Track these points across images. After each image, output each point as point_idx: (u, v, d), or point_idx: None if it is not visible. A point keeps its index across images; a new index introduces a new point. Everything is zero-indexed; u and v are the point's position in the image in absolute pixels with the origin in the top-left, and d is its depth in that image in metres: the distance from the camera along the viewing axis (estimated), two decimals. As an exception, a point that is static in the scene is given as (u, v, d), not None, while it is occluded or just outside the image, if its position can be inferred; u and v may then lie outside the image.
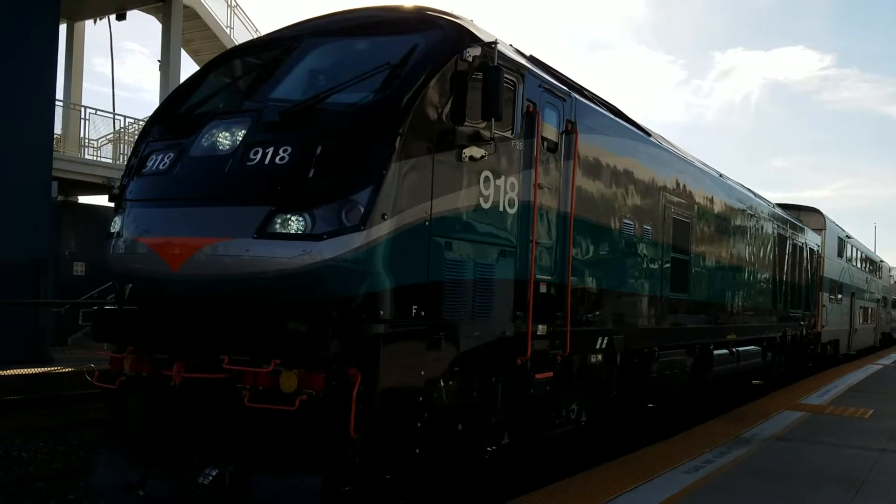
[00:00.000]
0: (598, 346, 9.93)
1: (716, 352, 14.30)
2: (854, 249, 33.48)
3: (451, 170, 6.97)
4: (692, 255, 12.91)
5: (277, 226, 6.19)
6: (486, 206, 7.46)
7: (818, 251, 24.55)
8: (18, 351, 17.65)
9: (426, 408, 6.80)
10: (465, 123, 7.09)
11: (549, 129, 8.54)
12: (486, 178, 7.45)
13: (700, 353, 13.69)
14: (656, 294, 11.57)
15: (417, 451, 6.66)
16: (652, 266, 11.35)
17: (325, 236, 6.08)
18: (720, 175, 15.25)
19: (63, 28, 26.29)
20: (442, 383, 7.00)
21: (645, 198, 11.10)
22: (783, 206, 23.92)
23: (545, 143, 8.43)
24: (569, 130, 8.90)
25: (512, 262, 7.87)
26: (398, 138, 6.45)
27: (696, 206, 13.09)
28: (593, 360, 9.95)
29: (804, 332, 22.24)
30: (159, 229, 6.77)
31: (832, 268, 27.49)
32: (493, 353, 7.72)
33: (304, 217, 6.13)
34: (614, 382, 10.61)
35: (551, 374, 8.60)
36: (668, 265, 11.92)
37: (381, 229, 6.25)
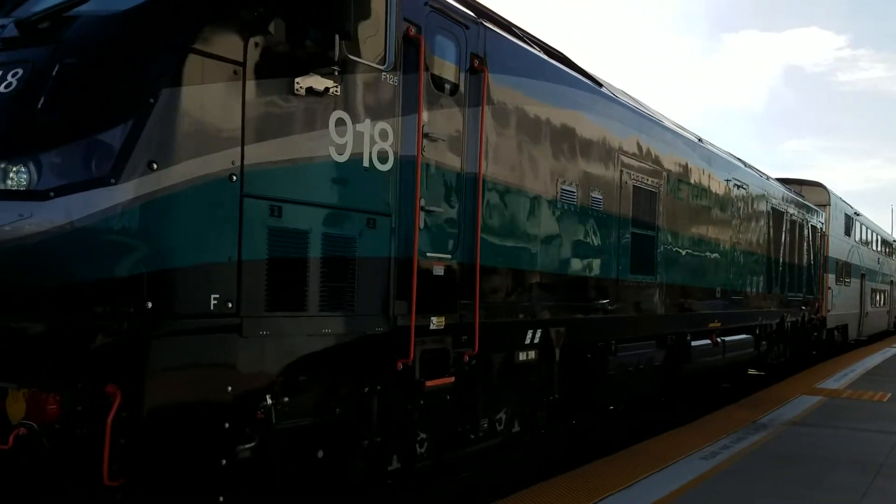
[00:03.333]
0: (528, 341, 8.05)
1: (694, 343, 12.38)
2: (864, 228, 31.25)
3: (276, 105, 5.09)
4: (660, 231, 10.98)
5: None
6: (340, 158, 5.58)
7: (822, 229, 22.49)
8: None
9: (241, 435, 4.97)
10: (299, 40, 5.20)
11: (444, 65, 6.64)
12: (340, 122, 5.57)
13: (674, 344, 11.77)
14: (611, 277, 9.66)
15: (222, 499, 4.80)
16: (603, 243, 9.44)
17: (52, 193, 4.22)
18: (699, 140, 13.28)
19: None
20: (271, 399, 5.15)
21: (593, 161, 9.18)
22: (783, 181, 21.91)
23: (438, 82, 6.54)
24: (475, 68, 6.99)
25: (386, 234, 5.99)
26: (180, 52, 4.58)
27: (665, 174, 11.15)
28: (523, 357, 8.08)
29: (806, 318, 20.23)
30: None
31: (839, 247, 25.39)
32: (361, 355, 5.87)
33: (25, 166, 4.27)
34: (555, 383, 8.74)
35: (453, 379, 6.73)
36: (626, 242, 10.00)
37: (148, 184, 4.38)
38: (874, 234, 34.00)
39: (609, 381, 9.84)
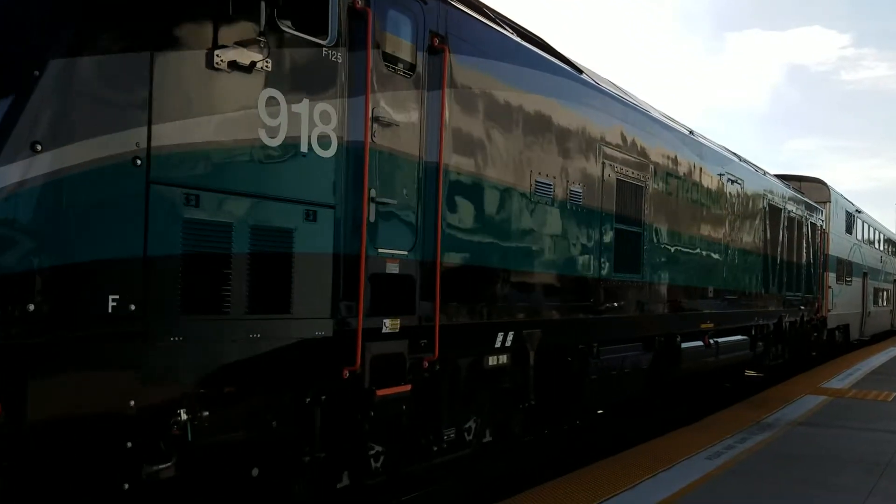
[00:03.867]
0: (499, 344, 7.46)
1: (685, 345, 11.78)
2: (866, 226, 30.60)
3: (190, 80, 4.51)
4: (647, 228, 10.39)
5: None
6: (272, 141, 4.99)
7: (822, 226, 21.87)
8: None
9: (153, 454, 4.38)
10: (219, 7, 4.62)
11: (399, 43, 6.05)
12: (272, 101, 4.98)
13: (663, 346, 11.18)
14: (593, 276, 9.07)
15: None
16: (584, 240, 8.85)
17: None
18: (690, 132, 12.68)
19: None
20: (186, 414, 4.56)
21: (572, 152, 8.59)
22: (782, 178, 21.29)
23: (391, 61, 5.95)
24: (435, 48, 6.40)
25: (329, 228, 5.40)
26: (73, 18, 4.00)
27: (652, 167, 10.55)
28: (493, 362, 7.50)
29: (805, 318, 19.61)
30: None
31: (840, 245, 24.76)
32: (300, 362, 5.28)
33: None
34: (531, 389, 8.16)
35: (410, 387, 6.14)
36: (610, 239, 9.41)
37: (31, 168, 3.80)
38: (876, 233, 33.34)
39: (591, 386, 9.25)
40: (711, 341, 12.92)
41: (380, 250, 5.78)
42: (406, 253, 6.08)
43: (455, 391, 7.06)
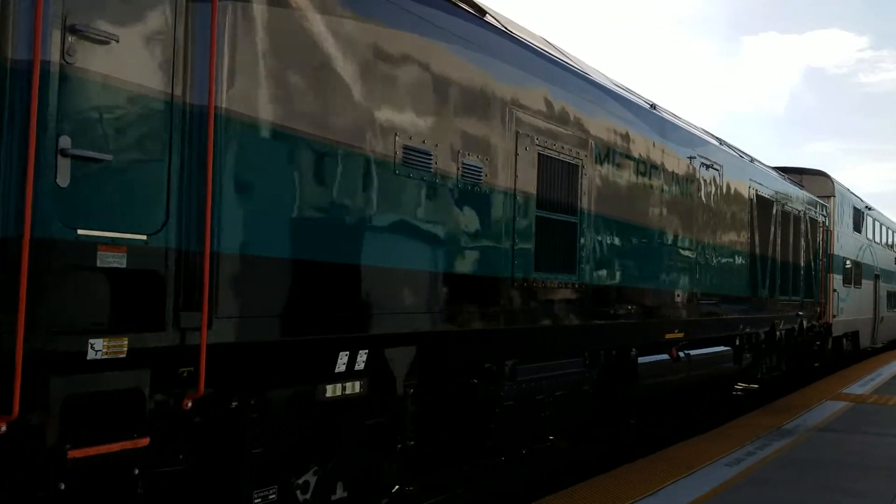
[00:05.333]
0: (343, 368, 5.47)
1: (644, 359, 9.73)
2: (878, 224, 28.25)
3: None
4: (586, 217, 8.35)
5: None
6: None
7: (825, 223, 19.70)
8: None
9: None
10: None
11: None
12: None
13: (613, 362, 9.14)
14: (503, 276, 7.04)
15: None
16: (487, 229, 6.83)
17: None
18: (652, 106, 10.62)
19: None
20: None
21: (464, 115, 6.58)
22: (782, 169, 19.19)
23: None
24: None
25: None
26: None
27: (593, 143, 8.51)
28: (336, 392, 5.50)
29: (805, 325, 17.44)
30: None
31: (847, 244, 22.52)
32: None
33: None
34: (407, 425, 6.15)
35: (147, 440, 4.10)
36: (528, 229, 7.39)
37: None
38: (890, 232, 30.98)
39: (505, 415, 7.24)
40: (681, 354, 10.86)
41: (81, 232, 3.78)
42: (144, 237, 4.08)
43: (270, 434, 5.07)
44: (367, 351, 5.58)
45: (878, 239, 27.98)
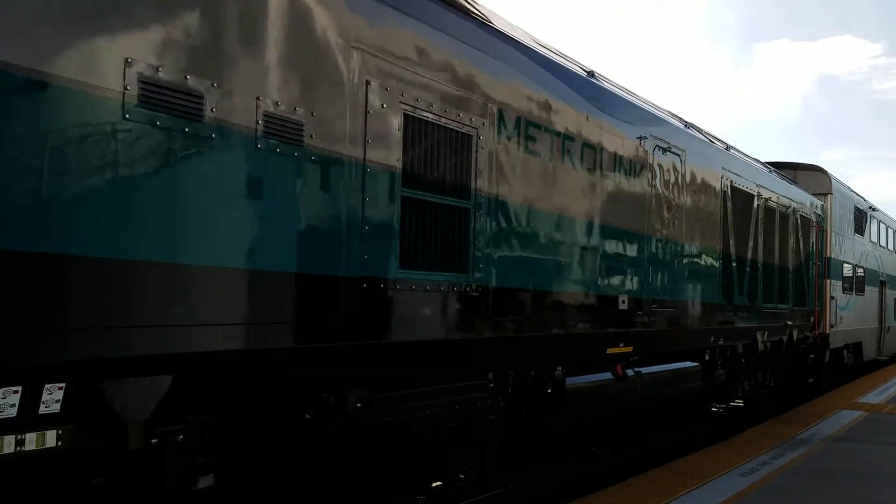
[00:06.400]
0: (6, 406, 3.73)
1: (574, 380, 7.94)
2: (883, 226, 26.24)
3: None
4: (484, 202, 6.58)
5: None
6: None
7: (820, 223, 17.84)
8: None
9: None
10: None
11: None
12: None
13: (530, 384, 7.36)
14: (342, 274, 5.28)
15: None
16: (316, 209, 5.07)
17: None
18: (590, 74, 8.84)
19: None
20: None
21: (292, 59, 4.84)
22: (775, 164, 17.39)
23: None
24: None
25: None
26: None
27: (494, 109, 6.75)
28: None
29: (795, 336, 15.58)
30: None
31: (847, 247, 20.59)
32: None
33: None
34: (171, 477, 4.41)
35: None
36: (388, 213, 5.63)
37: None
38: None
39: (360, 459, 5.47)
40: (630, 371, 9.06)
41: None
42: None
43: None
44: (60, 386, 3.82)
45: (883, 242, 26.02)
